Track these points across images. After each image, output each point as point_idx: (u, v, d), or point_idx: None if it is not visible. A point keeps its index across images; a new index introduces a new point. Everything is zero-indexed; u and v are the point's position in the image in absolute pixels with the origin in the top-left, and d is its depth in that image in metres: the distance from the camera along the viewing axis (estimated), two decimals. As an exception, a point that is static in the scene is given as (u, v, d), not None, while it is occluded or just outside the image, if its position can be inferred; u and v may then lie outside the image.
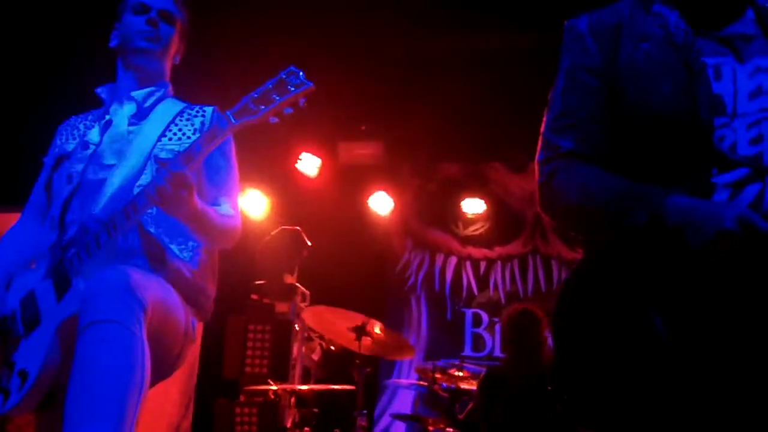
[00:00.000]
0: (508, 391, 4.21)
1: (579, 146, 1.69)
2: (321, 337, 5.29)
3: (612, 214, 1.59)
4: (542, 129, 1.77)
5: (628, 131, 1.66)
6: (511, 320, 4.42)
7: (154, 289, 2.15)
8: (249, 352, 5.63)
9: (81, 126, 2.59)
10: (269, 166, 6.36)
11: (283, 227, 5.48)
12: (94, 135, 2.50)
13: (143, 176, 2.35)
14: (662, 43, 1.68)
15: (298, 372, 5.38)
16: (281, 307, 5.48)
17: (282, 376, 5.26)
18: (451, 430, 4.44)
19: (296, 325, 5.39)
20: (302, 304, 5.43)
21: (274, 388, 4.72)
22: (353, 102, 5.95)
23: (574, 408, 1.60)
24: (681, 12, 1.71)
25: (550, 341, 2.96)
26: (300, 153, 6.51)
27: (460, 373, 4.79)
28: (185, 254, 2.39)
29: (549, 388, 3.93)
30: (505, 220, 7.03)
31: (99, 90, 2.63)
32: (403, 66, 5.69)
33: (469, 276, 7.10)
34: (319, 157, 6.55)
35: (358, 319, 4.39)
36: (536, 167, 1.74)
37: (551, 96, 1.78)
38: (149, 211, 2.27)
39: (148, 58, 2.56)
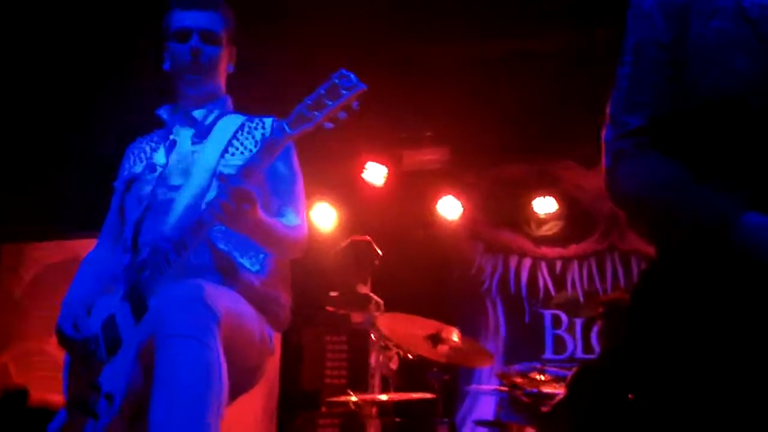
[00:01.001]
0: (594, 387, 4.11)
1: (647, 123, 1.63)
2: (398, 346, 5.26)
3: (672, 216, 1.54)
4: (609, 108, 1.71)
5: (701, 110, 1.58)
6: (605, 310, 4.29)
7: (227, 300, 2.18)
8: (328, 364, 5.67)
9: (147, 148, 2.64)
10: (336, 177, 6.39)
11: (353, 238, 5.49)
12: (160, 156, 2.55)
13: (209, 193, 2.38)
14: (734, 17, 1.60)
15: (377, 381, 5.36)
16: (356, 317, 5.49)
17: (361, 386, 5.25)
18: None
19: (372, 335, 5.39)
20: (377, 313, 5.41)
21: (355, 398, 4.71)
22: (416, 108, 5.93)
23: (649, 410, 1.55)
24: None
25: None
26: (365, 162, 6.51)
27: (542, 377, 4.70)
28: (256, 267, 2.41)
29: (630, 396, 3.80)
30: (578, 218, 6.89)
31: (159, 111, 2.68)
32: (464, 68, 5.64)
33: (545, 276, 6.98)
34: (384, 165, 6.54)
35: (432, 326, 4.36)
36: (602, 146, 1.69)
37: (618, 73, 1.72)
38: (218, 227, 2.29)
39: (199, 85, 2.59)
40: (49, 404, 6.05)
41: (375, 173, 6.53)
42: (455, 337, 4.41)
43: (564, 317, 6.82)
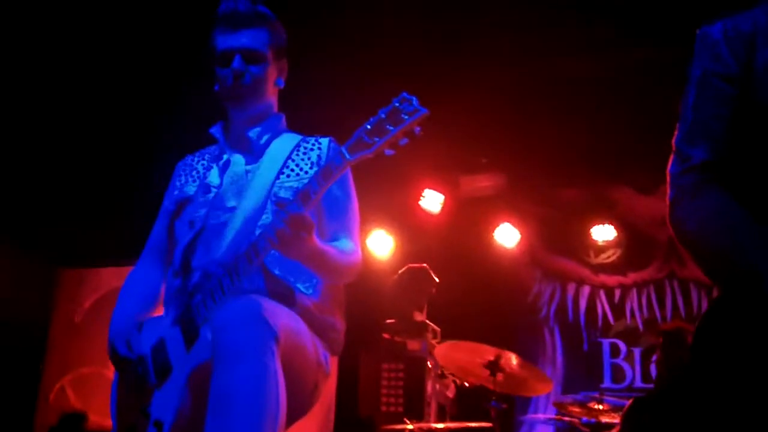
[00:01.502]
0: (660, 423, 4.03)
1: (712, 156, 1.62)
2: (454, 374, 5.24)
3: (729, 264, 1.53)
4: (674, 140, 1.70)
5: (763, 139, 1.58)
6: (664, 338, 4.22)
7: (285, 317, 2.12)
8: (384, 391, 5.66)
9: (199, 167, 2.58)
10: (392, 205, 6.42)
11: (409, 265, 5.50)
12: (214, 177, 2.48)
13: (264, 216, 2.33)
14: None
15: (433, 409, 5.34)
16: (413, 345, 5.48)
17: (417, 414, 5.23)
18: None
19: (429, 363, 5.38)
20: (433, 341, 5.40)
21: (411, 427, 4.69)
22: (472, 134, 5.94)
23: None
24: None
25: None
26: (422, 190, 6.54)
27: (600, 407, 4.63)
28: (310, 290, 2.35)
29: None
30: (637, 245, 6.79)
31: (213, 130, 2.61)
32: (520, 94, 5.64)
33: (603, 304, 6.89)
34: (441, 192, 6.55)
35: (491, 353, 4.32)
36: (668, 179, 1.68)
37: (682, 105, 1.71)
38: (272, 252, 2.20)
39: (247, 105, 2.51)
40: (106, 429, 6.16)
41: (432, 200, 6.55)
42: (514, 360, 4.37)
43: (622, 346, 6.72)
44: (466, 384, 5.18)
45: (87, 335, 7.02)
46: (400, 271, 5.45)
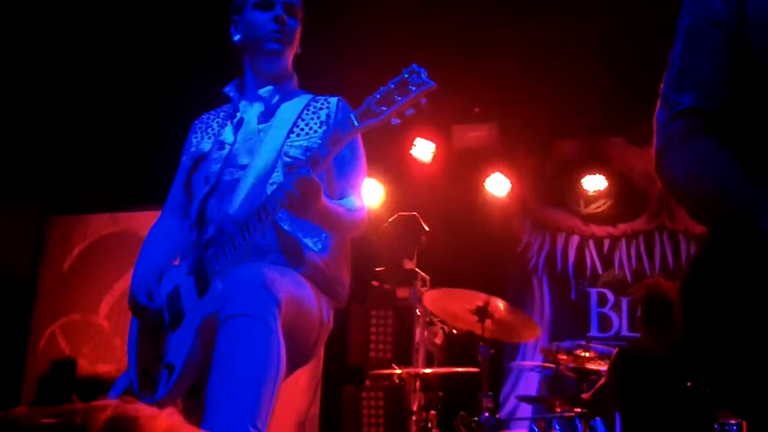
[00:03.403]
0: (642, 370, 4.10)
1: (700, 102, 1.61)
2: (443, 321, 5.29)
3: (714, 211, 1.53)
4: (662, 89, 1.68)
5: (757, 87, 1.56)
6: (645, 295, 4.27)
7: (288, 285, 2.24)
8: (373, 338, 5.72)
9: (215, 124, 2.68)
10: (384, 154, 6.40)
11: (400, 213, 5.51)
12: (228, 135, 2.58)
13: (275, 174, 2.43)
14: None
15: (421, 356, 5.42)
16: (402, 293, 5.53)
17: (406, 361, 5.30)
18: (579, 410, 4.35)
19: (417, 310, 5.42)
20: (422, 289, 5.45)
21: (399, 372, 4.76)
22: (466, 84, 5.91)
23: (710, 390, 1.54)
24: None
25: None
26: (414, 139, 6.52)
27: (587, 354, 4.69)
28: (319, 246, 2.45)
29: (688, 384, 3.78)
30: (628, 197, 6.82)
31: (227, 89, 2.69)
32: (514, 46, 5.61)
33: (592, 255, 6.93)
34: (433, 142, 6.54)
35: (479, 299, 4.36)
36: (654, 126, 1.67)
37: (670, 54, 1.69)
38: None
39: (276, 59, 2.60)
40: (96, 375, 6.21)
41: (423, 150, 6.53)
42: (502, 307, 4.41)
43: (610, 295, 6.79)
44: (454, 331, 5.24)
45: (76, 282, 7.02)
46: (390, 219, 5.46)
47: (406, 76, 2.11)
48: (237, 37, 2.64)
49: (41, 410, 0.83)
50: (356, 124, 2.16)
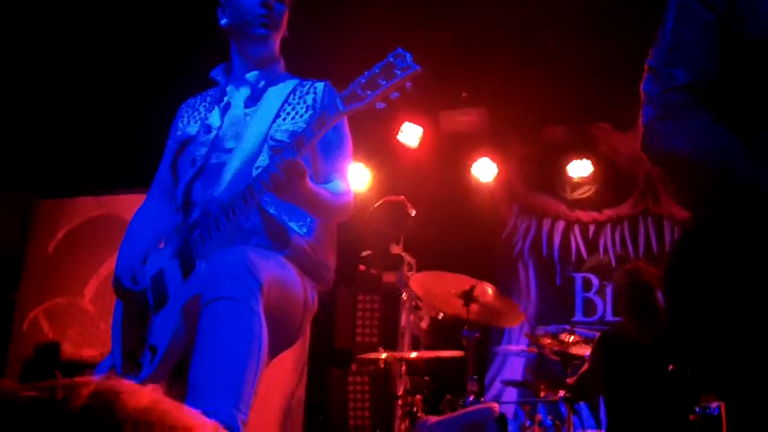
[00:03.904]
0: (624, 354, 4.13)
1: (694, 78, 1.61)
2: (429, 305, 5.30)
3: (728, 175, 1.52)
4: (650, 62, 1.68)
5: (747, 65, 1.58)
6: (626, 281, 4.30)
7: (271, 268, 2.25)
8: (359, 322, 5.74)
9: (201, 108, 2.68)
10: (371, 138, 6.39)
11: (387, 197, 5.51)
12: (215, 118, 2.59)
13: (260, 158, 2.44)
14: None
15: (407, 340, 5.43)
16: (388, 277, 5.54)
17: (392, 345, 5.32)
18: (564, 394, 4.39)
19: (404, 294, 5.43)
20: (409, 273, 5.46)
21: (385, 356, 4.78)
22: (453, 69, 5.90)
23: (694, 373, 1.56)
24: None
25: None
26: (401, 124, 6.51)
27: (572, 338, 4.72)
28: (304, 230, 2.46)
29: (670, 367, 3.81)
30: (613, 182, 6.85)
31: (214, 73, 2.70)
32: (501, 30, 5.60)
33: (577, 240, 6.97)
34: (420, 126, 6.53)
35: (466, 283, 4.38)
36: (644, 98, 1.66)
37: (660, 31, 1.69)
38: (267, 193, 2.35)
39: (263, 44, 2.60)
40: (80, 358, 6.19)
41: (411, 134, 6.53)
42: (489, 291, 4.44)
43: (595, 280, 6.83)
44: (440, 316, 5.25)
45: (61, 265, 7.00)
46: (376, 204, 5.46)
47: (392, 59, 2.11)
48: (224, 21, 2.65)
49: (23, 385, 0.84)
50: (341, 107, 2.17)
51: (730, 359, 1.49)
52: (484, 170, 6.77)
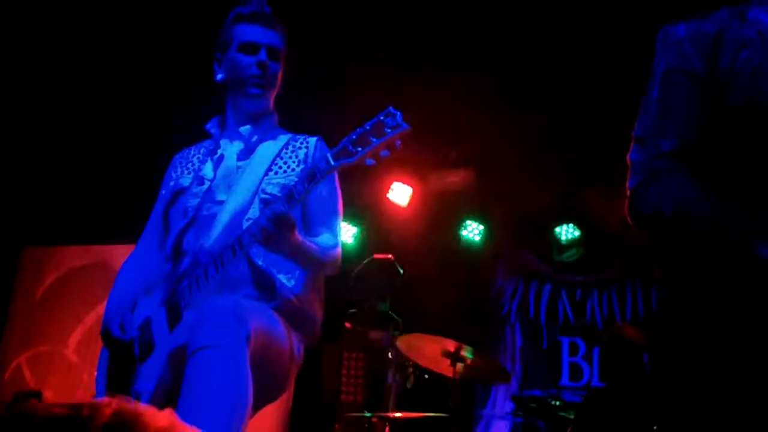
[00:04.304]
0: (609, 415, 4.12)
1: (679, 145, 1.68)
2: (415, 365, 5.29)
3: (711, 232, 1.58)
4: (636, 131, 1.75)
5: (731, 134, 1.65)
6: (609, 339, 4.33)
7: (258, 319, 2.26)
8: (344, 380, 5.71)
9: (195, 160, 2.73)
10: (361, 196, 6.45)
11: (375, 255, 5.54)
12: (208, 170, 2.63)
13: (251, 210, 2.48)
14: (761, 48, 1.68)
15: (392, 400, 5.39)
16: (375, 335, 5.53)
17: (377, 404, 5.28)
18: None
19: (390, 353, 5.42)
20: (395, 332, 5.45)
21: (369, 415, 4.74)
22: (442, 129, 5.99)
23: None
24: None
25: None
26: (391, 182, 6.58)
27: (557, 403, 4.71)
28: (292, 282, 2.49)
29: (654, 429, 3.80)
30: (600, 246, 6.90)
31: (208, 126, 2.75)
32: (492, 92, 5.70)
33: (564, 303, 6.98)
34: (409, 185, 6.60)
35: (451, 345, 4.38)
36: (631, 166, 1.72)
37: (644, 100, 1.77)
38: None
39: (257, 101, 2.66)
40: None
41: (401, 193, 6.59)
42: (471, 354, 4.44)
43: (581, 344, 6.82)
44: (426, 376, 5.23)
45: (47, 313, 6.96)
46: (365, 261, 5.48)
47: (382, 118, 2.16)
48: (220, 76, 2.71)
49: (52, 404, 0.86)
50: (332, 162, 2.21)
51: (714, 421, 1.51)
52: (473, 231, 6.82)
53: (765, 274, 1.48)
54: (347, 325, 5.54)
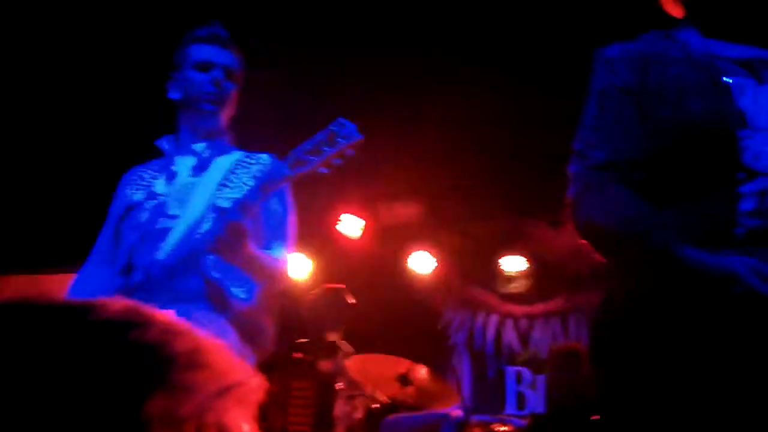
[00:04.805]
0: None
1: (612, 157, 1.80)
2: (364, 394, 5.30)
3: (631, 241, 1.72)
4: (575, 145, 1.88)
5: (660, 145, 1.78)
6: (553, 352, 4.45)
7: (211, 330, 2.23)
8: (292, 410, 5.69)
9: (146, 176, 2.73)
10: (312, 228, 6.47)
11: (326, 285, 5.56)
12: (160, 186, 2.64)
13: (204, 224, 2.49)
14: (688, 65, 1.82)
15: (341, 430, 5.38)
16: (324, 365, 5.52)
17: (325, 434, 5.27)
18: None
19: (339, 383, 5.42)
20: (345, 362, 5.45)
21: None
22: (392, 161, 6.07)
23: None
24: (703, 37, 1.87)
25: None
26: (341, 214, 6.63)
27: (504, 428, 4.77)
28: (245, 295, 2.51)
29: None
30: (545, 277, 7.04)
31: (159, 142, 2.76)
32: (441, 124, 5.82)
33: (510, 333, 7.09)
34: (360, 217, 6.67)
35: (402, 365, 4.44)
36: (570, 177, 1.85)
37: (582, 114, 1.90)
38: (210, 257, 2.39)
39: (211, 118, 2.69)
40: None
41: (351, 225, 6.65)
42: (424, 373, 4.50)
43: (527, 374, 6.92)
44: (376, 406, 5.25)
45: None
46: (315, 291, 5.50)
47: (334, 128, 2.23)
48: (174, 94, 2.73)
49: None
50: (287, 171, 2.27)
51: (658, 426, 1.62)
52: (421, 262, 6.91)
53: (683, 274, 1.61)
54: (296, 355, 5.53)
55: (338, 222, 6.64)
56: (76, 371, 0.72)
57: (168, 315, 0.82)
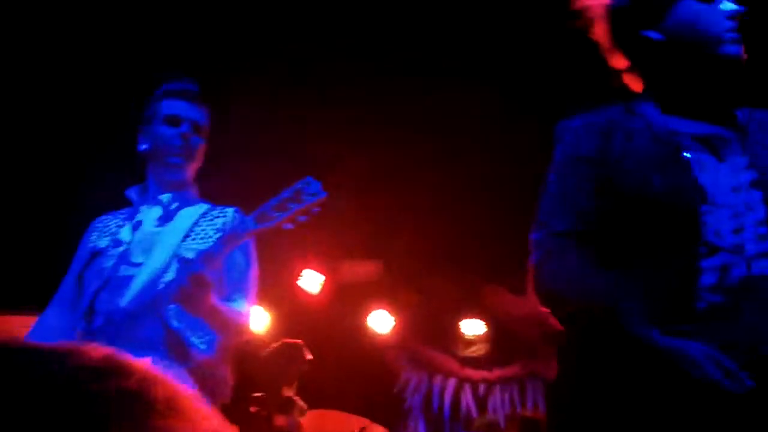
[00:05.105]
0: None
1: (570, 225, 1.85)
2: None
3: (583, 306, 1.78)
4: (537, 212, 1.93)
5: (621, 216, 1.82)
6: (519, 420, 4.45)
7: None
8: (245, 467, 5.57)
9: (113, 224, 2.76)
10: (273, 282, 6.46)
11: (284, 340, 5.53)
12: (125, 234, 2.67)
13: (167, 274, 2.51)
14: (649, 139, 1.86)
15: (293, 489, 5.30)
16: (279, 420, 5.46)
17: (277, 493, 5.18)
18: None
19: (293, 440, 5.35)
20: (299, 418, 5.40)
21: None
22: (354, 220, 6.11)
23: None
24: (663, 113, 1.91)
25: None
26: (302, 269, 6.64)
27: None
28: (204, 345, 2.52)
29: None
30: (503, 342, 7.06)
31: (128, 192, 2.82)
32: (403, 186, 5.88)
33: (467, 398, 7.06)
34: (321, 273, 6.67)
35: (359, 424, 4.41)
36: (531, 245, 1.89)
37: (544, 184, 1.95)
38: (171, 306, 2.42)
39: (177, 171, 2.75)
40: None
41: (311, 281, 6.65)
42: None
43: (484, 439, 6.88)
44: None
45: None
46: (273, 345, 5.47)
47: (300, 186, 2.29)
48: (142, 147, 2.80)
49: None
50: (251, 226, 2.32)
51: None
52: (381, 322, 6.91)
53: (632, 342, 1.66)
54: (252, 409, 5.46)
55: (299, 277, 6.64)
56: (56, 416, 0.73)
57: (144, 363, 0.84)
